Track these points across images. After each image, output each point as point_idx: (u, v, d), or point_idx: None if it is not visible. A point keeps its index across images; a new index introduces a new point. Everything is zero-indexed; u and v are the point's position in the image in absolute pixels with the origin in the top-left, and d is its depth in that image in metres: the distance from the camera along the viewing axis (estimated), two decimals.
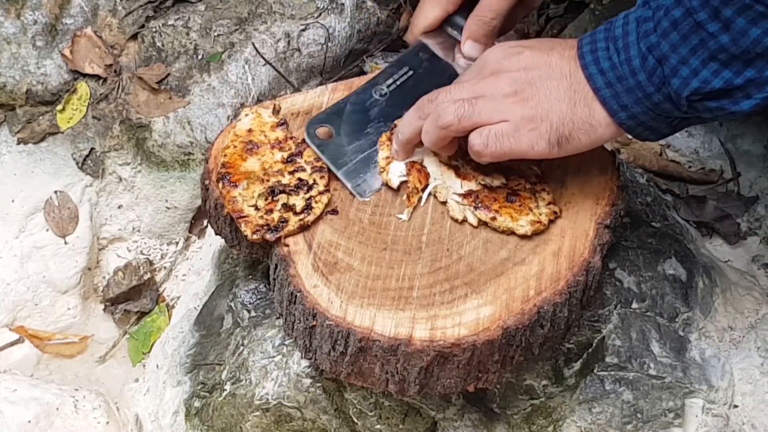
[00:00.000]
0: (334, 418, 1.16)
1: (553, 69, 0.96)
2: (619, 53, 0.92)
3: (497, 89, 0.97)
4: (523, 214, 1.04)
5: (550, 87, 0.95)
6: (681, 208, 1.37)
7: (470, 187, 1.06)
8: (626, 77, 0.92)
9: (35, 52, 1.49)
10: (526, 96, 0.96)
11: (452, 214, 1.06)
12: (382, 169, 1.10)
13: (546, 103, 0.95)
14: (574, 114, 0.95)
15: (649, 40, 0.90)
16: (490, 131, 0.96)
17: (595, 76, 0.94)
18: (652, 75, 0.90)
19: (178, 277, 1.52)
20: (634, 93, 0.92)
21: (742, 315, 1.25)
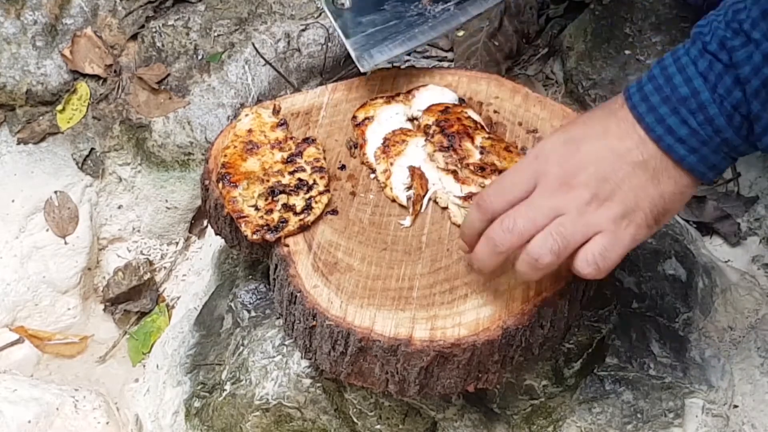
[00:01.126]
0: (334, 418, 1.16)
1: (619, 153, 0.89)
2: (695, 115, 0.86)
3: (575, 200, 0.89)
4: None
5: (625, 174, 0.89)
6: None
7: (470, 189, 1.06)
8: (711, 138, 0.87)
9: (35, 52, 1.49)
10: (606, 195, 0.89)
11: (454, 220, 1.07)
12: (383, 185, 1.11)
13: (630, 193, 0.89)
14: (663, 191, 0.89)
15: (734, 97, 0.85)
16: (594, 254, 0.88)
17: (675, 146, 0.87)
18: (740, 129, 0.86)
19: (178, 277, 1.52)
20: (722, 150, 0.88)
21: (742, 315, 1.25)
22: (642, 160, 0.89)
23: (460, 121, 1.12)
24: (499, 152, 1.09)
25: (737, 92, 0.85)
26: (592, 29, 1.54)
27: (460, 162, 1.08)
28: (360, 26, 1.08)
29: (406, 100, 1.18)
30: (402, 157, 1.12)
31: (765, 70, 0.83)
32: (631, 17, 1.52)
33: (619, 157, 0.89)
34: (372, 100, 1.18)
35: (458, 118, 1.13)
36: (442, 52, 1.66)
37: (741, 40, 0.84)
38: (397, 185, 1.10)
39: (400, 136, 1.14)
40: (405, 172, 1.10)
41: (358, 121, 1.16)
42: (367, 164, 1.14)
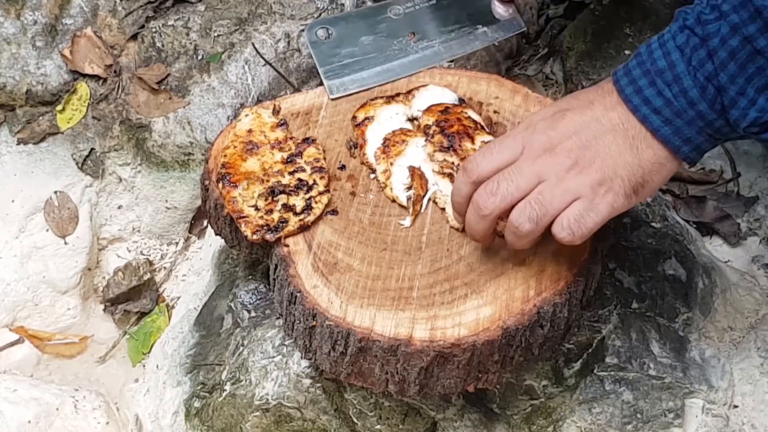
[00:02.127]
0: (334, 419, 1.16)
1: (602, 123, 0.92)
2: (671, 86, 0.88)
3: (557, 167, 0.92)
4: None
5: (607, 143, 0.91)
6: (681, 209, 1.37)
7: None
8: (685, 110, 0.88)
9: (35, 52, 1.49)
10: (587, 162, 0.91)
11: (451, 224, 1.07)
12: (383, 185, 1.11)
13: (609, 160, 0.91)
14: (641, 160, 0.91)
15: (706, 69, 0.86)
16: (570, 219, 0.91)
17: (650, 116, 0.90)
18: (714, 103, 0.87)
19: (178, 277, 1.52)
20: (696, 124, 0.89)
21: (742, 315, 1.25)
22: (623, 130, 0.91)
23: (460, 121, 1.12)
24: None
25: (709, 65, 0.86)
26: (592, 29, 1.54)
27: (458, 163, 1.08)
28: (337, 56, 1.13)
29: (406, 101, 1.18)
30: (402, 157, 1.12)
31: (731, 41, 0.84)
32: (631, 17, 1.52)
33: (602, 126, 0.92)
34: (372, 100, 1.18)
35: (458, 118, 1.13)
36: None
37: (715, 14, 0.86)
38: (397, 185, 1.10)
39: (400, 136, 1.13)
40: (405, 172, 1.10)
41: (358, 121, 1.16)
42: (367, 164, 1.14)
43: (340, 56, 1.13)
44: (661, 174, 0.92)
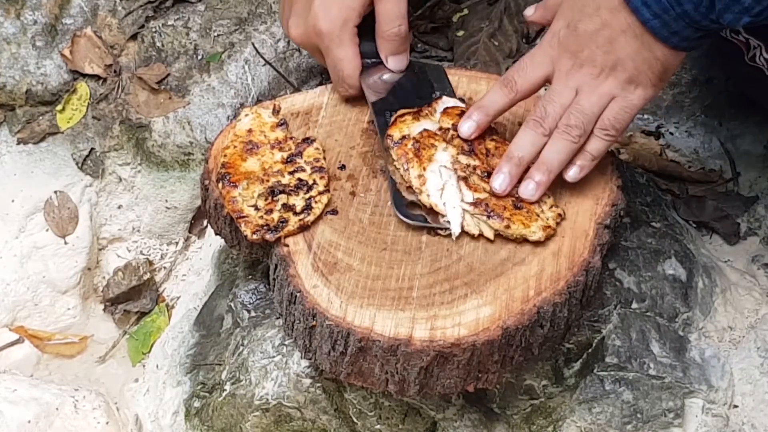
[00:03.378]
0: (334, 418, 1.16)
1: (612, 27, 0.99)
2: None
3: (587, 76, 1.01)
4: (532, 220, 1.04)
5: (622, 44, 0.99)
6: (681, 208, 1.37)
7: (478, 195, 1.05)
8: (672, 7, 0.94)
9: (35, 52, 1.49)
10: (610, 65, 1.00)
11: (468, 229, 1.04)
12: (418, 190, 1.06)
13: (629, 60, 0.99)
14: (656, 53, 0.99)
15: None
16: (610, 119, 1.02)
17: (641, 8, 0.96)
18: (699, 6, 0.93)
19: (177, 277, 1.52)
20: (682, 20, 0.95)
21: (741, 315, 1.25)
22: (631, 29, 0.99)
23: None
24: (501, 154, 1.08)
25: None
26: None
27: (468, 166, 1.07)
28: None
29: (431, 115, 1.13)
30: (434, 163, 1.08)
31: None
32: None
33: (612, 29, 0.99)
34: (400, 117, 1.12)
35: None
36: (442, 52, 1.66)
37: None
38: (433, 192, 1.06)
39: (429, 140, 1.09)
40: (439, 177, 1.06)
41: (395, 140, 1.09)
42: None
43: None
44: (678, 58, 1.01)
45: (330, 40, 1.12)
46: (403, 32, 1.13)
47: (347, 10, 1.11)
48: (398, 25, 1.12)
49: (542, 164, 1.04)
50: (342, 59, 1.13)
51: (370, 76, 1.16)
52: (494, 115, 1.08)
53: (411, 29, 1.61)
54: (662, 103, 1.49)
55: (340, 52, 1.13)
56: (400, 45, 1.14)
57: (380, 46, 1.15)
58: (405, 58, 1.16)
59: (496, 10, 1.63)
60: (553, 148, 1.04)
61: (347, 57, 1.13)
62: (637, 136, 1.47)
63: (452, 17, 1.67)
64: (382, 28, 1.13)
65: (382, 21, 1.13)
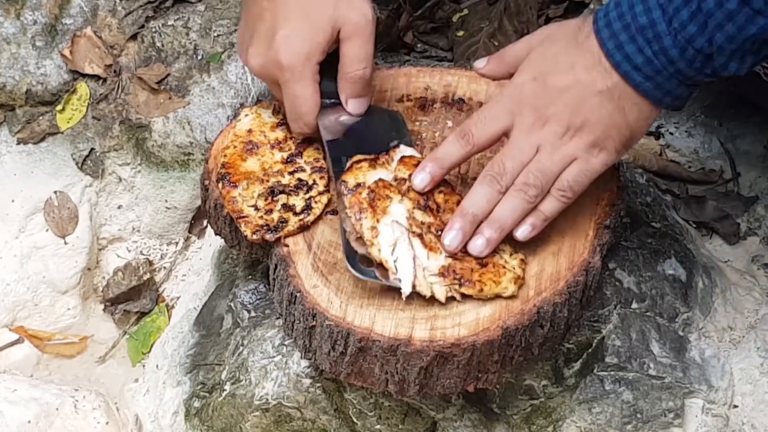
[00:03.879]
0: (334, 418, 1.16)
1: (586, 85, 0.95)
2: (651, 44, 0.92)
3: (551, 135, 0.97)
4: (501, 275, 0.99)
5: (594, 106, 0.95)
6: (681, 208, 1.37)
7: (440, 261, 0.99)
8: (665, 67, 0.92)
9: (35, 52, 1.49)
10: (577, 126, 0.96)
11: (419, 290, 0.97)
12: (369, 243, 0.98)
13: (599, 122, 0.96)
14: (628, 120, 0.96)
15: (688, 32, 0.89)
16: (569, 180, 0.97)
17: (631, 73, 0.93)
18: (693, 61, 0.91)
19: (177, 277, 1.52)
20: (675, 78, 0.93)
21: (741, 315, 1.25)
22: (607, 89, 0.95)
23: None
24: (453, 208, 1.03)
25: (691, 27, 0.89)
26: None
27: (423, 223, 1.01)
28: None
29: (387, 164, 1.07)
30: (387, 216, 1.00)
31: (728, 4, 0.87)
32: None
33: (586, 88, 0.95)
34: (357, 164, 1.05)
35: None
36: (442, 52, 1.66)
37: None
38: (385, 247, 0.98)
39: (384, 191, 1.02)
40: (392, 232, 0.99)
41: (350, 187, 1.02)
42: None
43: None
44: (646, 125, 0.98)
45: (291, 75, 1.05)
46: (366, 75, 1.07)
47: (311, 46, 1.04)
48: (363, 67, 1.06)
49: (495, 221, 0.99)
50: (300, 96, 1.06)
51: (327, 117, 1.10)
52: (449, 168, 1.03)
53: (410, 29, 1.61)
54: None
55: (299, 89, 1.06)
56: (362, 88, 1.08)
57: (341, 87, 1.09)
58: (366, 102, 1.10)
59: (496, 10, 1.63)
60: (508, 206, 0.98)
61: (306, 94, 1.06)
62: None
63: (452, 17, 1.67)
64: (346, 70, 1.07)
65: (346, 62, 1.07)
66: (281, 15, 1.05)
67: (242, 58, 1.12)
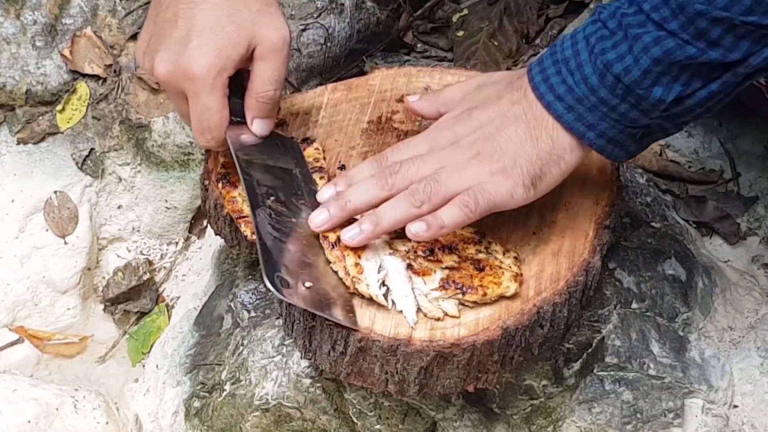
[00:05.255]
0: (334, 418, 1.16)
1: (506, 116, 0.95)
2: (573, 74, 0.91)
3: (458, 156, 0.95)
4: (500, 276, 0.98)
5: (509, 134, 0.94)
6: (681, 208, 1.37)
7: (436, 281, 0.97)
8: (587, 96, 0.91)
9: (35, 52, 1.49)
10: (488, 153, 0.94)
11: (431, 315, 0.97)
12: (356, 280, 0.97)
13: (510, 150, 0.94)
14: (540, 151, 0.94)
15: (607, 58, 0.88)
16: (470, 194, 0.93)
17: (554, 103, 0.92)
18: (615, 88, 0.89)
19: (177, 277, 1.52)
20: (598, 109, 0.91)
21: (741, 315, 1.25)
22: (525, 120, 0.94)
23: None
24: None
25: (611, 54, 0.88)
26: None
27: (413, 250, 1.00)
28: None
29: None
30: (368, 251, 0.99)
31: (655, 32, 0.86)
32: None
33: (506, 119, 0.95)
34: None
35: None
36: (442, 52, 1.66)
37: (634, 8, 0.88)
38: (372, 282, 0.97)
39: None
40: (376, 267, 0.98)
41: (332, 241, 1.00)
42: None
43: None
44: (560, 167, 0.95)
45: (202, 86, 1.01)
46: (276, 97, 1.05)
47: (225, 60, 1.01)
48: (274, 89, 1.04)
49: (375, 216, 0.96)
50: (211, 108, 1.03)
51: (232, 133, 1.07)
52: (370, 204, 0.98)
53: (410, 29, 1.60)
54: None
55: (210, 101, 1.02)
56: (270, 109, 1.06)
57: (249, 106, 1.05)
58: (270, 124, 1.08)
59: (496, 10, 1.63)
60: (392, 206, 0.95)
61: (217, 107, 1.02)
62: None
63: (452, 17, 1.67)
64: (256, 89, 1.04)
65: (257, 82, 1.04)
66: (197, 24, 1.01)
67: (144, 61, 1.06)
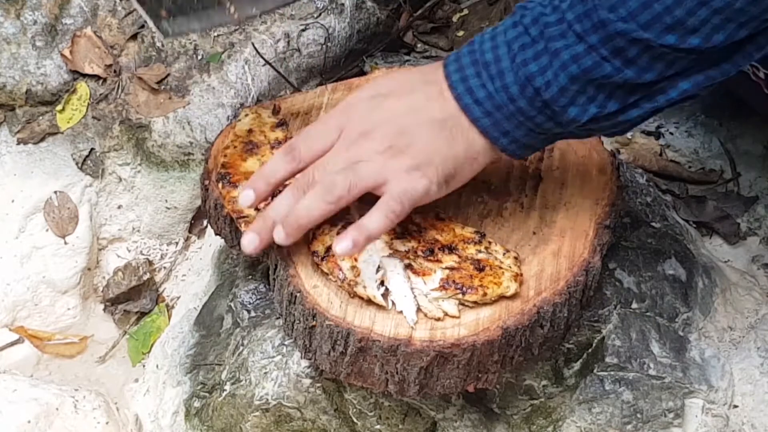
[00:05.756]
0: (334, 419, 1.16)
1: (421, 113, 0.93)
2: (494, 80, 0.89)
3: (371, 150, 0.93)
4: (500, 276, 0.98)
5: (424, 131, 0.92)
6: (681, 208, 1.37)
7: (436, 281, 0.98)
8: (506, 104, 0.90)
9: (35, 52, 1.49)
10: (401, 148, 0.92)
11: (431, 315, 0.97)
12: (353, 283, 0.98)
13: (424, 148, 0.92)
14: (455, 151, 0.92)
15: (529, 69, 0.87)
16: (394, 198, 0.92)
17: (471, 106, 0.91)
18: (533, 100, 0.89)
19: (177, 277, 1.52)
20: (515, 118, 0.90)
21: (741, 315, 1.25)
22: (441, 119, 0.92)
23: None
24: (433, 224, 1.03)
25: (533, 65, 0.87)
26: None
27: (411, 252, 1.00)
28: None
29: (347, 213, 1.03)
30: (364, 253, 0.99)
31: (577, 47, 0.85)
32: None
33: (420, 114, 0.93)
34: (319, 230, 1.02)
35: None
36: (442, 52, 1.66)
37: (557, 16, 0.87)
38: (370, 283, 0.98)
39: None
40: (373, 268, 0.99)
41: (321, 256, 1.00)
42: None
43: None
44: (472, 167, 0.94)
45: None
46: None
47: None
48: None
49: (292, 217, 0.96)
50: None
51: None
52: (276, 185, 1.00)
53: (410, 29, 1.59)
54: None
55: None
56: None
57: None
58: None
59: (496, 10, 1.63)
60: (305, 203, 0.95)
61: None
62: (637, 136, 1.47)
63: (452, 17, 1.68)
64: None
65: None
66: None
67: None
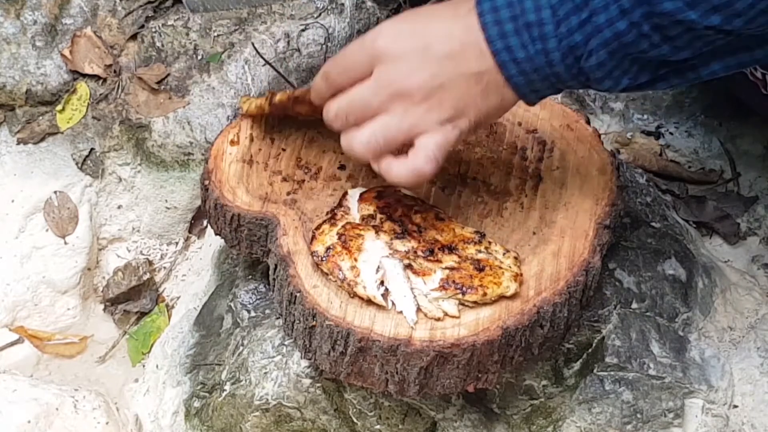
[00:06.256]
0: (334, 419, 1.16)
1: (459, 63, 0.91)
2: (535, 42, 0.89)
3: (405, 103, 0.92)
4: (500, 276, 0.98)
5: (460, 84, 0.92)
6: (681, 208, 1.37)
7: (436, 281, 0.98)
8: (542, 68, 0.89)
9: (35, 52, 1.49)
10: (437, 101, 0.92)
11: (431, 315, 0.98)
12: (353, 283, 0.99)
13: (461, 102, 0.92)
14: (489, 105, 0.93)
15: (573, 39, 0.87)
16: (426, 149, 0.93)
17: (508, 64, 0.90)
18: (572, 67, 0.89)
19: (177, 277, 1.52)
20: (549, 80, 0.91)
21: (741, 315, 1.25)
22: (478, 72, 0.91)
23: (400, 201, 1.06)
24: (434, 224, 1.04)
25: (578, 35, 0.87)
26: None
27: (411, 253, 1.01)
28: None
29: (347, 214, 1.06)
30: (364, 253, 1.00)
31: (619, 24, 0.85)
32: None
33: (457, 65, 0.91)
34: (318, 230, 1.04)
35: (397, 199, 1.06)
36: None
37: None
38: (369, 283, 0.98)
39: (353, 231, 1.02)
40: (373, 267, 0.99)
41: (321, 256, 1.01)
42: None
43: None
44: (498, 115, 0.95)
45: None
46: None
47: None
48: None
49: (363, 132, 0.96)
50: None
51: None
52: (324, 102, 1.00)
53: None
54: (662, 103, 1.49)
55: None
56: None
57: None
58: None
59: None
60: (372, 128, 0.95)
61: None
62: (637, 136, 1.47)
63: None
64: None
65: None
66: None
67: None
